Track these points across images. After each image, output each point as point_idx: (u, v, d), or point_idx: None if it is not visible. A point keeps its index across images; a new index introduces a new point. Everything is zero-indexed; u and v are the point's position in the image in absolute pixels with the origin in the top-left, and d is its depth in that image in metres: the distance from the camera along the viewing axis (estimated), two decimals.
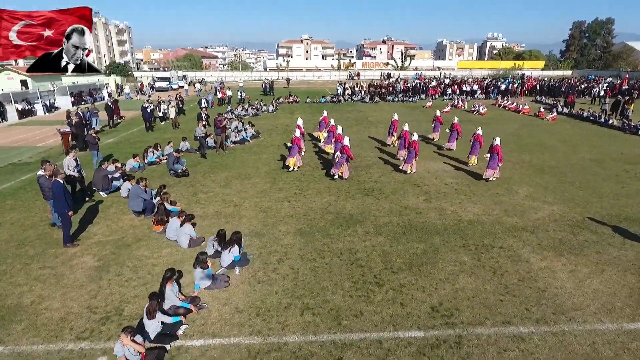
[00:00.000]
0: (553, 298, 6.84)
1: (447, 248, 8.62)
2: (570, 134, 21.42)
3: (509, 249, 8.55)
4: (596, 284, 7.27)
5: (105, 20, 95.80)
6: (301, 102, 36.89)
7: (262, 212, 10.72)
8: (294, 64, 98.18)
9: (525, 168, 14.72)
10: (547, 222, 9.91)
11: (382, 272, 7.70)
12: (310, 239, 9.11)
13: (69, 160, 11.22)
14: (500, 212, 10.59)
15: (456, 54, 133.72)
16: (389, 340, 5.86)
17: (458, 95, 38.80)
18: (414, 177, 13.64)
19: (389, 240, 8.99)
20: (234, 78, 71.99)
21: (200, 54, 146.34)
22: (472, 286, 7.21)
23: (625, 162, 15.43)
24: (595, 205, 11.00)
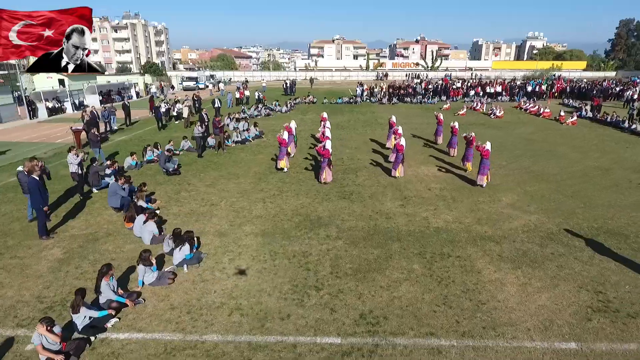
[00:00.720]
0: (490, 312, 6.62)
1: (402, 255, 8.50)
2: (586, 139, 20.34)
3: (466, 259, 8.32)
4: (543, 299, 6.96)
5: (144, 22, 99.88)
6: (318, 102, 37.02)
7: (234, 212, 10.95)
8: (325, 64, 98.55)
9: (522, 174, 14.16)
10: (518, 233, 9.54)
11: (326, 276, 7.72)
12: (269, 240, 9.24)
13: (69, 157, 11.92)
14: (473, 220, 10.30)
15: (493, 54, 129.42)
16: (304, 344, 5.90)
17: (480, 97, 37.61)
18: (400, 182, 13.46)
19: (346, 245, 8.98)
20: (265, 78, 72.96)
21: (234, 54, 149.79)
22: (411, 295, 7.09)
23: (635, 171, 14.52)
24: (578, 216, 10.47)
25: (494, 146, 18.39)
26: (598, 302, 6.86)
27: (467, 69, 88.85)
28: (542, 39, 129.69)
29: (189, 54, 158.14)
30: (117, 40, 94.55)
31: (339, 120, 26.97)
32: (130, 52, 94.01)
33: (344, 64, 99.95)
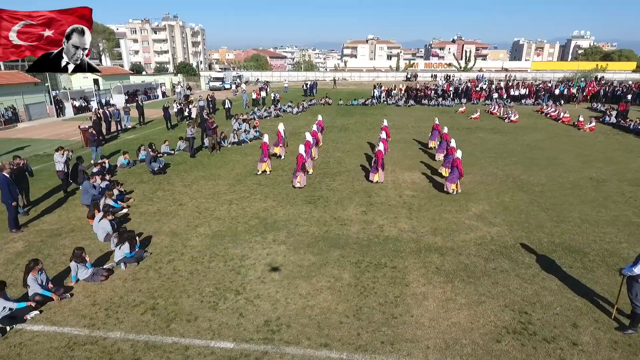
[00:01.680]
0: (397, 326, 6.49)
1: (337, 263, 8.45)
2: (596, 147, 19.15)
3: (400, 271, 8.16)
4: (460, 317, 6.73)
5: (182, 23, 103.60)
6: (334, 104, 37.04)
7: (197, 212, 11.27)
8: (357, 64, 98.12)
9: (506, 183, 13.60)
10: (470, 245, 9.22)
11: (252, 281, 7.83)
12: (216, 242, 9.46)
13: (55, 156, 12.72)
14: (429, 230, 10.04)
15: (534, 54, 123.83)
16: (196, 347, 6.05)
17: (503, 100, 36.19)
18: (374, 187, 13.31)
19: (287, 250, 9.04)
20: (294, 78, 73.65)
21: (270, 54, 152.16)
22: (325, 305, 7.07)
23: (633, 184, 13.56)
24: (544, 231, 9.95)
25: (492, 153, 17.83)
26: (517, 324, 6.54)
27: (502, 69, 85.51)
28: (589, 38, 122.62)
29: (226, 54, 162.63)
30: (156, 42, 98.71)
31: (345, 123, 26.92)
32: (167, 52, 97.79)
33: (377, 64, 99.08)
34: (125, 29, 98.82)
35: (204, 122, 19.57)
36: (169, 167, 16.00)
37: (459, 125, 25.34)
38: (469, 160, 16.61)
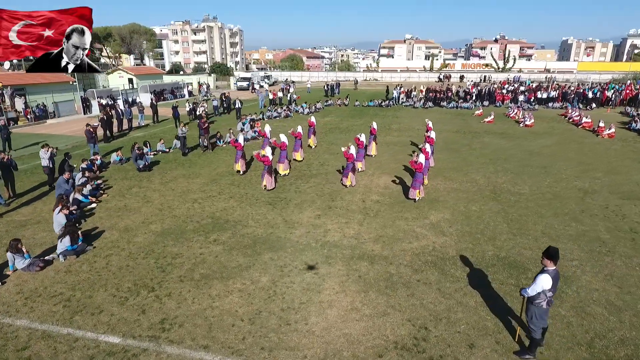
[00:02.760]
0: (286, 333, 6.44)
1: (263, 266, 8.48)
2: (605, 155, 17.81)
3: (321, 277, 8.07)
4: (356, 328, 6.57)
5: (221, 25, 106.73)
6: (350, 105, 36.83)
7: (158, 210, 11.67)
8: (393, 64, 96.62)
9: (480, 192, 13.00)
10: (406, 255, 8.93)
11: (172, 279, 8.03)
12: (160, 239, 9.77)
13: (41, 152, 13.64)
14: (373, 237, 9.83)
15: (584, 54, 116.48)
16: (86, 339, 6.31)
17: (529, 102, 34.41)
18: (343, 191, 13.17)
19: (222, 251, 9.17)
20: (333, 78, 73.69)
21: (307, 54, 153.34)
22: (229, 307, 7.13)
23: (624, 197, 12.53)
24: (494, 243, 9.45)
25: (487, 158, 17.08)
26: (411, 339, 6.29)
27: (545, 70, 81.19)
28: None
29: (266, 54, 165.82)
30: (196, 42, 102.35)
31: (351, 124, 26.71)
32: (205, 53, 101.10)
33: (414, 64, 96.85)
34: (168, 31, 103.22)
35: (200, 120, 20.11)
36: (157, 164, 16.61)
37: (467, 129, 24.43)
38: (457, 166, 16.04)
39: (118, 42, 76.92)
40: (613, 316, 6.79)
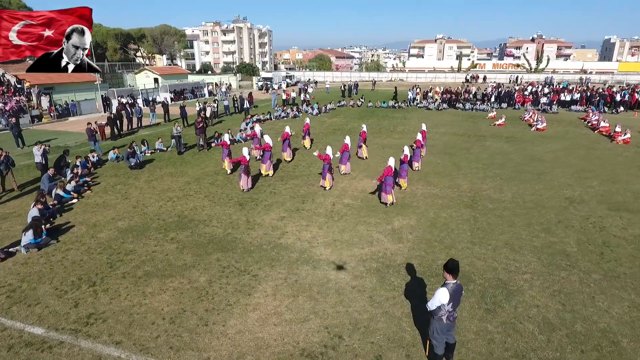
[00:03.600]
0: (200, 334, 6.52)
1: (207, 266, 8.60)
2: (611, 162, 16.77)
3: (258, 279, 8.09)
4: (271, 332, 6.55)
5: (250, 25, 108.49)
6: (363, 106, 36.55)
7: (132, 207, 12.07)
8: (423, 64, 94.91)
9: (458, 198, 12.60)
10: (353, 260, 8.80)
11: (116, 275, 8.29)
12: (122, 236, 10.10)
13: (34, 150, 14.42)
14: (328, 241, 9.74)
15: (628, 54, 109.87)
16: (14, 329, 6.64)
17: (551, 105, 32.91)
18: (319, 193, 13.12)
19: (174, 249, 9.37)
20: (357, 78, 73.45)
21: (336, 54, 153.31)
22: (157, 305, 7.30)
23: (613, 208, 11.79)
24: (449, 252, 9.13)
25: (481, 164, 16.51)
26: (320, 347, 6.22)
27: (581, 71, 77.28)
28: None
29: (296, 55, 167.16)
30: (225, 43, 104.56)
31: (356, 126, 26.44)
32: (235, 53, 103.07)
33: (445, 64, 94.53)
34: (199, 32, 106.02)
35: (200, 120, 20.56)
36: (151, 162, 17.15)
37: (474, 132, 23.69)
38: (446, 170, 15.61)
39: (150, 43, 79.76)
40: (543, 335, 6.43)
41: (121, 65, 60.68)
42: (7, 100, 29.69)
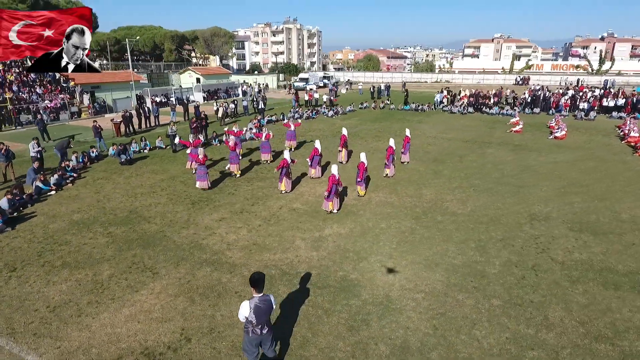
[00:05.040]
0: (68, 324, 6.97)
1: (118, 261, 9.08)
2: (618, 177, 15.13)
3: (153, 277, 8.43)
4: (131, 329, 6.85)
5: (299, 26, 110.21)
6: (386, 108, 35.90)
7: (97, 201, 12.98)
8: (477, 65, 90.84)
9: (411, 209, 12.11)
10: (255, 264, 8.86)
11: (39, 263, 9.01)
12: (70, 227, 10.94)
13: (31, 145, 15.97)
14: (244, 245, 9.87)
15: None
16: None
17: (591, 111, 30.20)
18: (274, 197, 13.25)
19: (103, 243, 9.99)
20: (402, 79, 72.36)
21: (389, 54, 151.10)
22: (52, 294, 7.87)
23: (575, 229, 10.75)
24: (356, 266, 8.86)
25: (466, 173, 15.75)
26: (164, 348, 6.41)
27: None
28: None
29: (348, 55, 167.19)
30: (274, 44, 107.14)
31: (365, 128, 26.17)
32: (283, 53, 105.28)
33: (500, 65, 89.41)
34: (250, 33, 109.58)
35: (200, 120, 21.47)
36: (144, 159, 18.24)
37: (482, 139, 22.45)
38: (420, 179, 15.07)
39: (202, 44, 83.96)
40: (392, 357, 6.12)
41: (168, 66, 64.59)
42: (53, 98, 32.84)
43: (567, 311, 7.19)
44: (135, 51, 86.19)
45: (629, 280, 8.18)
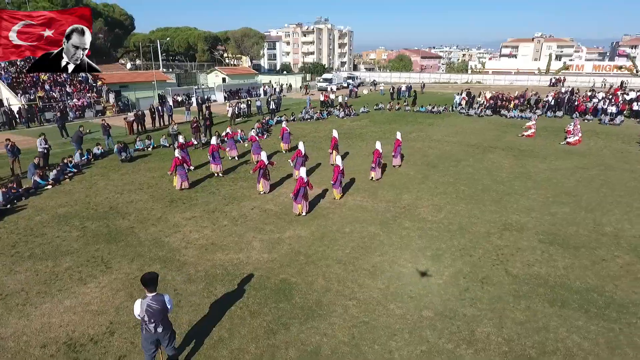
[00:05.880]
0: (19, 319, 7.47)
1: (79, 255, 9.54)
2: (616, 187, 14.21)
3: (97, 272, 8.83)
4: (40, 323, 7.25)
5: (330, 26, 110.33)
6: (401, 109, 35.37)
7: (85, 196, 13.66)
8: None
9: (383, 214, 11.96)
10: (203, 265, 9.08)
11: (9, 252, 9.65)
12: (50, 220, 11.60)
13: (38, 139, 17.05)
14: (201, 244, 10.12)
15: None
16: None
17: (617, 115, 28.46)
18: (251, 197, 13.47)
19: (75, 237, 10.54)
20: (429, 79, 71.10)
21: (423, 54, 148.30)
22: (8, 282, 8.41)
23: (546, 241, 10.25)
24: (299, 268, 8.90)
25: (454, 178, 15.34)
26: (87, 339, 6.73)
27: None
28: None
29: (382, 54, 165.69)
30: (305, 44, 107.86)
31: (372, 130, 25.93)
32: (313, 54, 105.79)
33: (540, 65, 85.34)
34: (282, 33, 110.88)
35: (205, 120, 22.06)
36: (145, 157, 18.99)
37: (487, 143, 21.68)
38: (404, 184, 14.83)
39: (233, 45, 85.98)
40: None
41: (200, 66, 66.63)
42: (81, 96, 34.74)
43: (497, 327, 6.89)
44: (170, 52, 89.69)
45: (580, 298, 7.72)
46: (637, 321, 7.04)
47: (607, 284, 8.20)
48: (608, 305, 7.50)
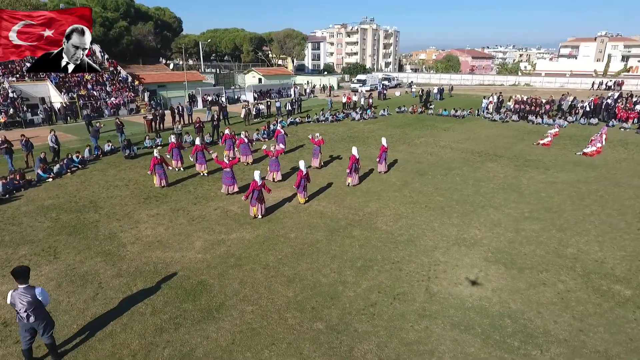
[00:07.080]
0: None
1: (41, 244, 10.42)
2: (612, 207, 13.03)
3: (53, 262, 9.59)
4: None
5: (376, 26, 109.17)
6: (424, 113, 34.45)
7: (75, 189, 14.80)
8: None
9: (344, 220, 11.89)
10: (144, 263, 9.59)
11: None
12: (35, 211, 12.74)
13: (49, 136, 18.67)
14: (150, 241, 10.64)
15: None
16: None
17: None
18: (220, 198, 13.90)
19: (45, 227, 11.50)
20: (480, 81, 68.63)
21: (474, 54, 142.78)
22: None
23: (492, 260, 9.74)
24: (229, 274, 9.14)
25: (437, 187, 14.92)
26: (10, 320, 7.43)
27: None
28: None
29: (433, 55, 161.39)
30: (349, 44, 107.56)
31: (380, 134, 25.52)
32: (357, 54, 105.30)
33: (598, 67, 79.11)
34: (327, 33, 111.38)
35: (212, 120, 22.91)
36: (150, 155, 20.08)
37: (494, 151, 20.62)
38: (379, 190, 14.60)
39: (276, 46, 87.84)
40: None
41: (245, 66, 68.78)
42: (118, 95, 37.29)
43: (380, 346, 6.71)
44: (218, 52, 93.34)
45: (489, 323, 7.29)
46: (537, 353, 6.53)
47: (530, 311, 7.65)
48: (515, 333, 7.02)
